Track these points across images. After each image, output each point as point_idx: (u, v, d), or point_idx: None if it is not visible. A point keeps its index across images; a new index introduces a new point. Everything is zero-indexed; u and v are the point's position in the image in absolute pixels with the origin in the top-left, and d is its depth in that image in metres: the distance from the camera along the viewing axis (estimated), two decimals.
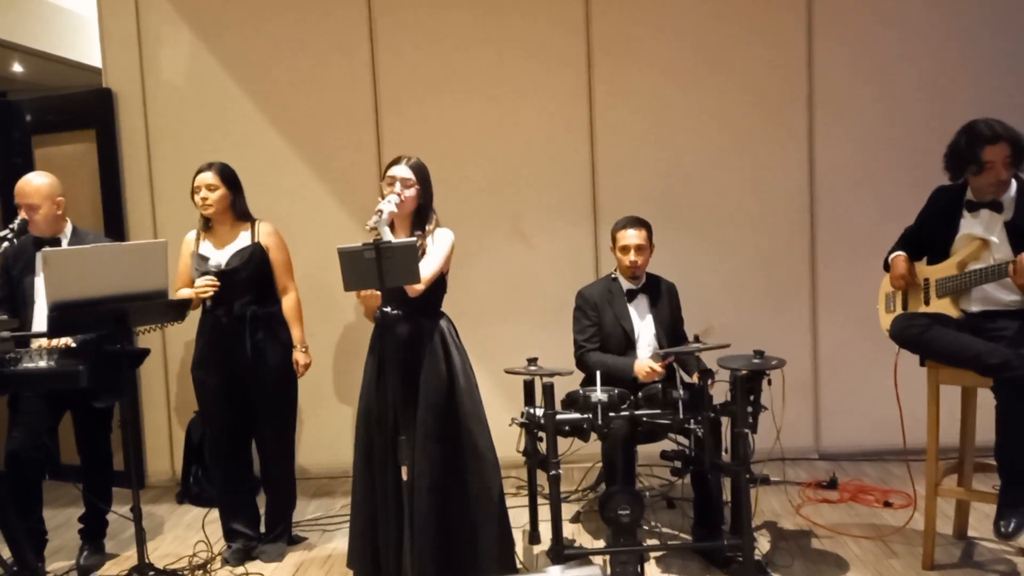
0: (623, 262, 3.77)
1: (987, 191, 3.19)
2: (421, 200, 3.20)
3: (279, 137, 4.82)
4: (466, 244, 4.76)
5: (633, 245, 3.72)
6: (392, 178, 3.15)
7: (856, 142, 4.69)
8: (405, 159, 3.20)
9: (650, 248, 3.81)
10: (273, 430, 3.79)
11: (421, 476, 3.07)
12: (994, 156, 3.11)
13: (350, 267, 2.89)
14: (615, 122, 4.75)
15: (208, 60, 4.81)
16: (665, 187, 4.73)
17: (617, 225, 3.81)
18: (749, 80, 4.70)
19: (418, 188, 3.18)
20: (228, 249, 3.70)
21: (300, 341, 3.78)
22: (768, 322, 4.70)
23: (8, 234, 3.44)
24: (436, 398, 3.13)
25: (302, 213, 4.71)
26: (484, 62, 4.75)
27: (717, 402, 3.35)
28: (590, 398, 3.14)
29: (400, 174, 3.15)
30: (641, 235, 3.74)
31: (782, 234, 4.75)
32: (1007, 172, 3.14)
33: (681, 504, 4.11)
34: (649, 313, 3.84)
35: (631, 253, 3.73)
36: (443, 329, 3.23)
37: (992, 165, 3.12)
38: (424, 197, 3.21)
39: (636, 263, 3.73)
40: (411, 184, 3.16)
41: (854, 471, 4.55)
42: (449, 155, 4.73)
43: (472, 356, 4.82)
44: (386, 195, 3.09)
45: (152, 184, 4.89)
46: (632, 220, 3.78)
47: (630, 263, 3.74)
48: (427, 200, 3.23)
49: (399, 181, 3.13)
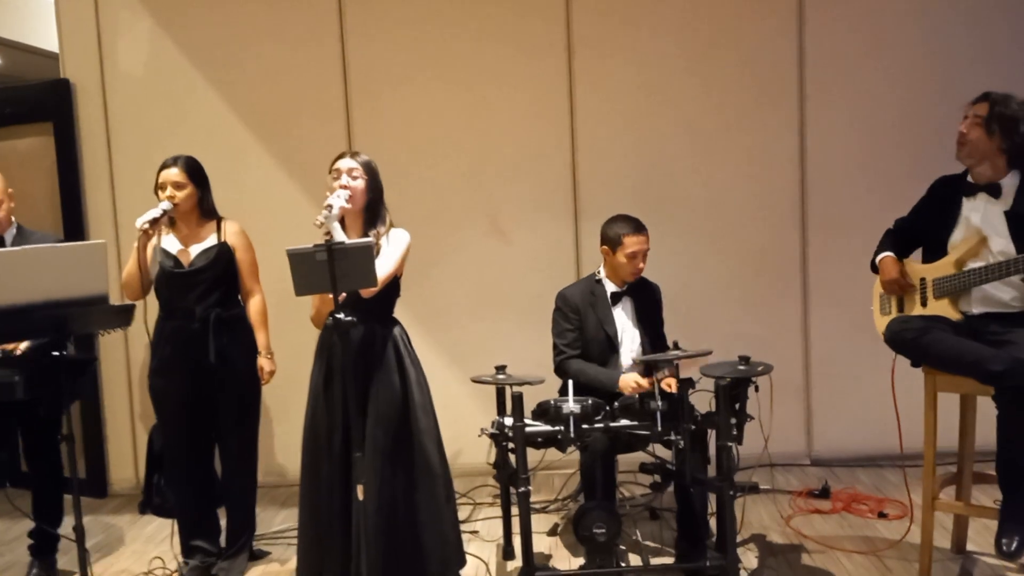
0: (626, 268, 3.53)
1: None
2: (371, 194, 3.03)
3: (245, 129, 4.60)
4: (440, 241, 4.59)
5: (642, 252, 3.52)
6: (337, 171, 2.99)
7: (851, 131, 4.48)
8: (351, 152, 3.07)
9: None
10: (236, 439, 3.57)
11: (368, 497, 2.88)
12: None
13: (301, 270, 2.70)
14: (596, 112, 4.54)
15: (170, 49, 4.59)
16: (648, 180, 4.52)
17: (621, 227, 3.55)
18: (736, 66, 4.49)
19: (367, 180, 3.01)
20: (194, 248, 3.48)
21: (265, 347, 3.56)
22: (757, 322, 4.51)
23: None
24: (387, 411, 2.96)
25: (269, 209, 4.48)
26: (459, 51, 4.54)
27: (700, 410, 3.16)
28: (561, 409, 2.93)
29: (346, 165, 2.99)
30: (647, 241, 3.55)
31: (771, 229, 4.54)
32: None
33: (664, 515, 3.90)
34: (633, 317, 3.62)
35: (639, 260, 3.52)
36: (396, 337, 3.05)
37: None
38: (374, 192, 3.04)
39: (641, 270, 3.55)
40: (358, 175, 2.98)
41: (848, 478, 4.35)
42: (423, 147, 4.55)
43: (444, 359, 4.63)
44: (332, 189, 2.90)
45: (113, 180, 4.67)
46: (639, 224, 3.56)
47: (636, 271, 3.53)
48: (377, 196, 3.07)
49: (345, 173, 2.96)
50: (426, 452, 3.01)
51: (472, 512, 4.14)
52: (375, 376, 2.97)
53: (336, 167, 3.01)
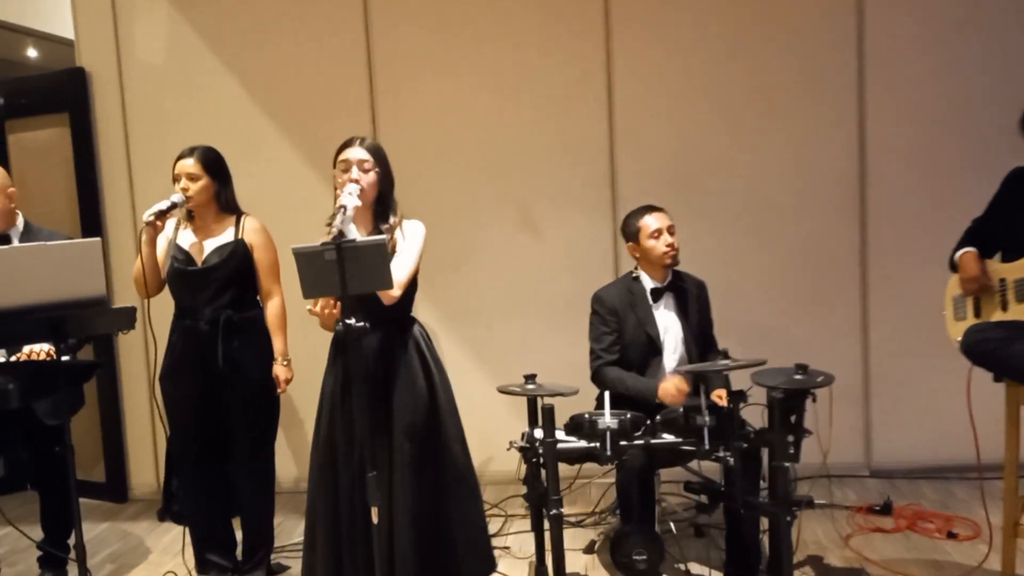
0: (656, 250, 3.25)
1: None
2: (382, 186, 2.76)
3: (266, 120, 4.38)
4: (468, 237, 4.34)
5: (665, 226, 3.24)
6: (346, 162, 2.71)
7: (913, 119, 4.12)
8: (358, 140, 2.77)
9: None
10: (248, 451, 3.35)
11: (401, 512, 2.66)
12: None
13: (309, 271, 2.46)
14: (636, 100, 4.23)
15: (189, 35, 4.39)
16: (692, 171, 4.21)
17: (634, 216, 3.33)
18: (790, 49, 4.15)
19: (378, 172, 2.74)
20: (209, 244, 3.26)
21: (282, 353, 3.32)
22: (811, 324, 4.20)
23: None
24: (413, 419, 2.71)
25: (291, 205, 4.25)
26: (490, 36, 4.26)
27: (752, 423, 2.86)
28: (597, 424, 2.65)
29: (355, 156, 2.71)
30: (669, 217, 3.26)
31: (827, 224, 4.20)
32: None
33: (711, 532, 3.61)
34: (677, 316, 3.33)
35: (664, 235, 3.24)
36: (417, 338, 2.80)
37: None
38: (385, 183, 2.77)
39: (674, 245, 3.25)
40: (368, 167, 2.71)
41: (910, 492, 4.01)
42: (451, 138, 4.30)
43: (473, 361, 4.36)
44: (341, 185, 2.64)
45: (131, 171, 4.49)
46: (651, 205, 3.31)
47: (667, 247, 3.24)
48: (388, 186, 2.79)
49: (355, 164, 2.69)
50: (456, 459, 2.78)
51: (504, 525, 3.89)
52: (398, 382, 2.73)
53: (344, 158, 2.74)
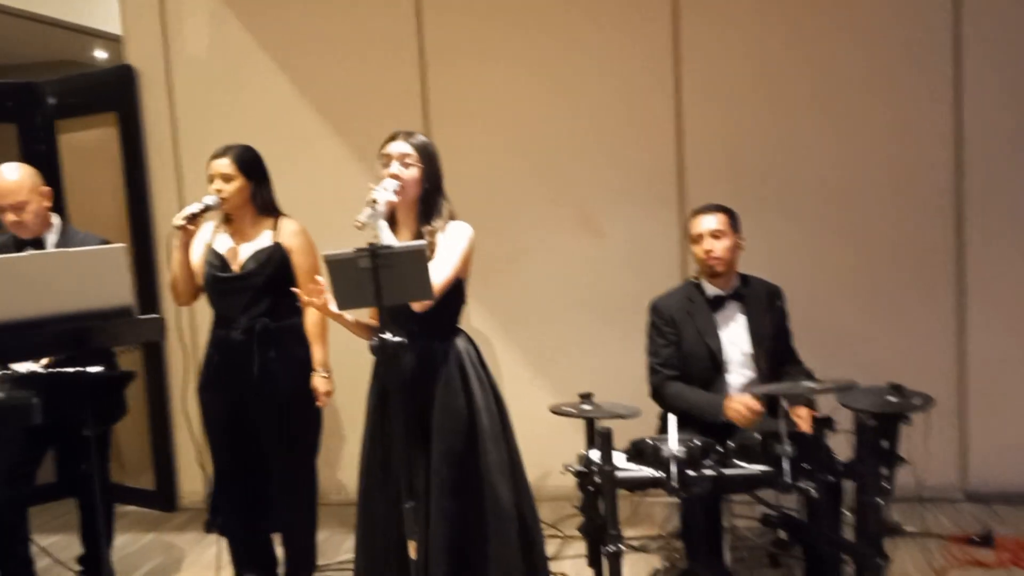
0: (698, 255, 3.03)
1: None
2: (427, 184, 2.55)
3: (314, 115, 4.22)
4: (523, 236, 4.11)
5: (707, 231, 2.97)
6: (387, 156, 2.52)
7: (1018, 96, 3.70)
8: (404, 133, 2.57)
9: (735, 238, 3.02)
10: (286, 466, 3.17)
11: (436, 543, 2.45)
12: None
13: (341, 279, 2.25)
14: (707, 85, 3.92)
15: (235, 29, 4.25)
16: (769, 163, 3.89)
17: (691, 214, 3.10)
18: (876, 24, 3.79)
19: (421, 168, 2.53)
20: (245, 248, 3.09)
21: (322, 364, 3.11)
22: (899, 332, 3.85)
23: None
24: (453, 443, 2.50)
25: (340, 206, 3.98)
26: (547, 21, 4.00)
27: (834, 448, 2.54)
28: (660, 450, 2.36)
29: (397, 150, 2.51)
30: (719, 219, 3.00)
31: (919, 220, 3.83)
32: None
33: (789, 563, 3.29)
34: (743, 327, 3.02)
35: (704, 240, 2.97)
36: (461, 353, 2.57)
37: None
38: (430, 180, 2.56)
39: (711, 252, 2.97)
40: (411, 161, 2.51)
41: (1013, 518, 3.63)
42: (506, 130, 4.08)
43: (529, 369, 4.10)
44: (381, 180, 2.43)
45: (179, 171, 4.36)
46: (707, 206, 3.06)
47: (705, 254, 2.98)
48: (434, 185, 2.58)
49: (395, 159, 2.49)
50: (496, 491, 2.53)
51: (560, 548, 3.63)
52: (435, 402, 2.51)
53: (386, 151, 2.55)
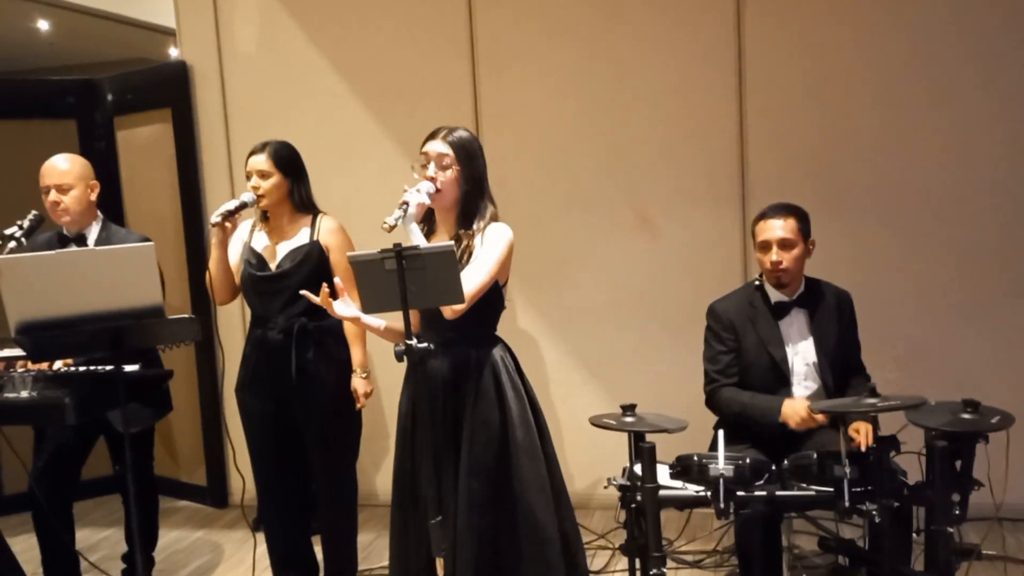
0: (763, 263, 2.83)
1: None
2: (465, 185, 2.41)
3: (364, 112, 4.14)
4: (576, 236, 3.97)
5: (775, 239, 2.77)
6: (425, 155, 2.40)
7: None
8: (443, 131, 2.43)
9: (804, 244, 2.82)
10: (325, 469, 3.12)
11: (463, 560, 2.33)
12: None
13: (367, 281, 2.15)
14: (772, 78, 3.73)
15: (286, 24, 4.20)
16: (837, 160, 3.69)
17: (757, 216, 2.88)
18: (955, 14, 3.54)
19: (459, 169, 2.39)
20: (282, 247, 3.04)
21: (361, 365, 3.06)
22: (975, 341, 3.61)
23: (16, 232, 2.94)
24: (484, 457, 2.36)
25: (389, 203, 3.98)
26: (605, 12, 3.85)
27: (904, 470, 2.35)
28: (708, 469, 2.20)
29: (435, 150, 2.38)
30: (788, 225, 2.78)
31: (996, 222, 3.59)
32: None
33: None
34: (809, 335, 2.83)
35: (772, 251, 2.77)
36: (496, 362, 2.43)
37: None
38: (470, 182, 2.42)
39: (779, 264, 2.77)
40: (448, 163, 2.37)
41: None
42: (559, 126, 3.94)
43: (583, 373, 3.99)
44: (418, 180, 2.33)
45: (231, 168, 4.36)
46: (776, 207, 2.84)
47: (771, 265, 2.78)
48: (475, 186, 2.44)
49: (432, 160, 2.36)
50: (532, 510, 2.39)
51: (609, 561, 3.48)
52: (467, 414, 2.39)
53: (424, 150, 2.43)
